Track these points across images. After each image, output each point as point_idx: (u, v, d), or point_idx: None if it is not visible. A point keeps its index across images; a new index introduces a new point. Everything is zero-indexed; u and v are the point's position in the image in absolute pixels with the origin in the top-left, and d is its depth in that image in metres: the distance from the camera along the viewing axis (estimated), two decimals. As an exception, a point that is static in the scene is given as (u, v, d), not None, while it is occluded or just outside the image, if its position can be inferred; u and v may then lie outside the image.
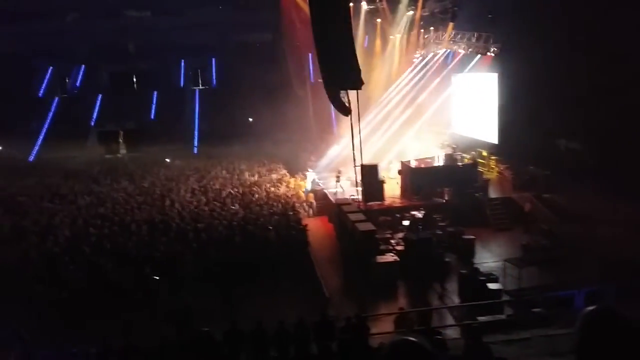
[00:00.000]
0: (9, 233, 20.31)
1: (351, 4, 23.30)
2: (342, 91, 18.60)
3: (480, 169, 26.48)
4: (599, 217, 18.59)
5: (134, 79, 44.44)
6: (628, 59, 20.78)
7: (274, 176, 28.72)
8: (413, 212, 21.84)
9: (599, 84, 21.75)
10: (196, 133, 39.64)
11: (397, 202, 23.88)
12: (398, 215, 22.09)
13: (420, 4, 32.04)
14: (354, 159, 20.63)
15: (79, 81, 43.20)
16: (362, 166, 22.25)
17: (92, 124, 40.12)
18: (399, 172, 25.33)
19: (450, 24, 30.39)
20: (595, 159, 22.78)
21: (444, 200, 23.29)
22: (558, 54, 23.21)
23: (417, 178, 24.21)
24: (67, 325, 14.00)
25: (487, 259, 18.74)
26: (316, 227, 22.64)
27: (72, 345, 12.08)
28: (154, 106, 41.55)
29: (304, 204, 25.56)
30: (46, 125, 38.89)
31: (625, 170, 20.08)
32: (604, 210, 18.75)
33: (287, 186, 27.08)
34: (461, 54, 30.23)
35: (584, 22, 22.28)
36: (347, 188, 25.76)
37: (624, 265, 14.65)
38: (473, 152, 28.26)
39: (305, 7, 28.17)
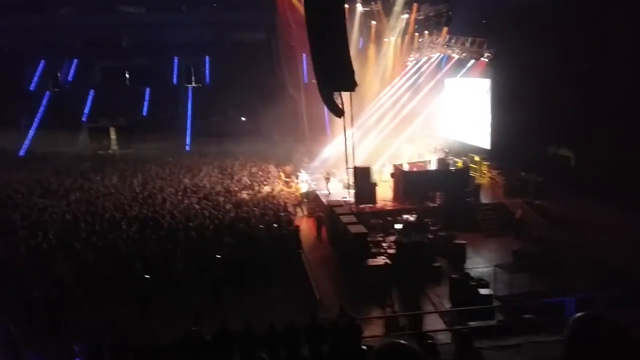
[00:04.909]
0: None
1: (346, 6, 23.36)
2: (335, 93, 18.65)
3: (472, 174, 26.56)
4: (590, 223, 18.68)
5: (127, 75, 44.16)
6: (620, 67, 20.97)
7: (269, 176, 28.68)
8: (405, 216, 21.87)
9: (590, 91, 21.93)
10: (188, 131, 39.54)
11: (389, 205, 23.90)
12: (390, 219, 22.09)
13: (415, 7, 32.18)
14: (347, 161, 20.68)
15: (71, 76, 42.88)
16: (355, 168, 22.32)
17: (84, 119, 39.87)
18: (392, 175, 25.37)
19: (445, 28, 30.52)
20: (586, 166, 22.96)
21: (436, 205, 23.36)
22: (551, 61, 23.36)
23: (409, 181, 24.24)
24: (56, 322, 13.90)
25: (478, 264, 18.75)
26: (308, 228, 22.65)
27: (60, 343, 11.98)
28: (146, 103, 41.36)
29: (295, 205, 25.59)
30: (37, 120, 38.63)
31: (616, 177, 20.24)
32: (595, 217, 18.84)
33: (280, 186, 27.06)
34: (455, 59, 30.34)
35: (577, 30, 22.44)
36: (338, 190, 25.79)
37: (615, 272, 14.73)
38: (465, 157, 28.36)
39: (301, 8, 28.16)
